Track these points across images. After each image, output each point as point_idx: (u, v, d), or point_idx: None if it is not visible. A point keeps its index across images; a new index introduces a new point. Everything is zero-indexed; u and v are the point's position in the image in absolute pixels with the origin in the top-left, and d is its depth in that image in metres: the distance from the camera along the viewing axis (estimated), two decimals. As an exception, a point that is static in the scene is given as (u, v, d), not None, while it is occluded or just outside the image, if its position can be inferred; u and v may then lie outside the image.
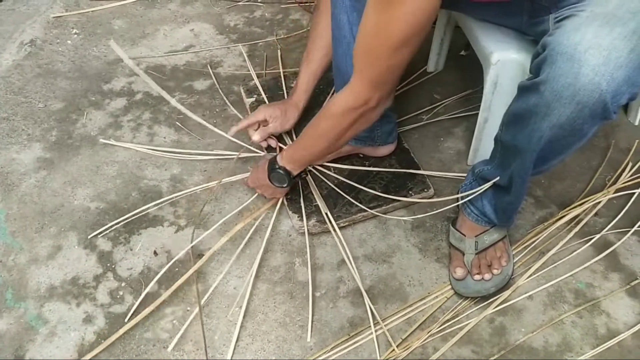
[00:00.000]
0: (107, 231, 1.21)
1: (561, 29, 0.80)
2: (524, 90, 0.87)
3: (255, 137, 1.26)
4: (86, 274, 1.14)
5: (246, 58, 1.61)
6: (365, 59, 0.92)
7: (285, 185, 1.15)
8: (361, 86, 0.95)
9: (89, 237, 1.19)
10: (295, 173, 1.13)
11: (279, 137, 1.34)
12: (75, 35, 1.71)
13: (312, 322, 1.06)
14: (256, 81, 1.51)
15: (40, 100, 1.51)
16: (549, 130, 0.84)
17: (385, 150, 1.31)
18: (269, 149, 1.33)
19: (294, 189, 1.25)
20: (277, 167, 1.12)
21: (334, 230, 1.17)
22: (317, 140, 1.07)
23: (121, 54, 1.47)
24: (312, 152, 1.10)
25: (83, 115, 1.47)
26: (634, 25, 0.77)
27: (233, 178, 1.29)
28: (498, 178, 1.02)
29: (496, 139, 1.02)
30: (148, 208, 1.24)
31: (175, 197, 1.26)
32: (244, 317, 1.07)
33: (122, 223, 1.22)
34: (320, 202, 1.22)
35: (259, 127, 1.28)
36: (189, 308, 1.09)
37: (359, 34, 0.91)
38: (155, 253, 1.17)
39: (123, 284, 1.12)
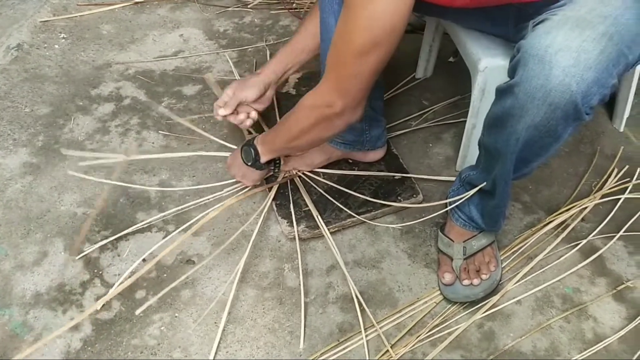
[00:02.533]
0: (94, 236, 1.20)
1: (534, 32, 0.82)
2: (500, 93, 0.89)
3: (220, 110, 1.20)
4: (72, 280, 1.13)
5: (232, 65, 1.61)
6: (333, 61, 0.93)
7: (249, 163, 1.17)
8: (326, 87, 0.96)
9: (77, 258, 1.16)
10: (263, 157, 1.16)
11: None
12: (63, 40, 1.70)
13: (304, 328, 1.06)
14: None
15: (27, 104, 1.49)
16: (525, 131, 0.86)
17: (374, 155, 1.31)
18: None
19: (284, 194, 1.25)
20: (250, 143, 1.16)
21: (327, 234, 1.17)
22: (285, 129, 1.10)
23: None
24: (280, 141, 1.12)
25: (70, 120, 1.46)
26: (603, 29, 0.79)
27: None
28: (485, 184, 1.02)
29: (479, 143, 1.03)
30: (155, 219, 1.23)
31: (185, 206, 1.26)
32: (233, 323, 1.07)
33: (110, 230, 1.21)
34: (311, 207, 1.21)
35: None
36: (177, 314, 1.08)
37: (334, 35, 0.91)
38: (143, 259, 1.16)
39: (110, 291, 1.11)
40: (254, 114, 1.24)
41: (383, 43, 0.86)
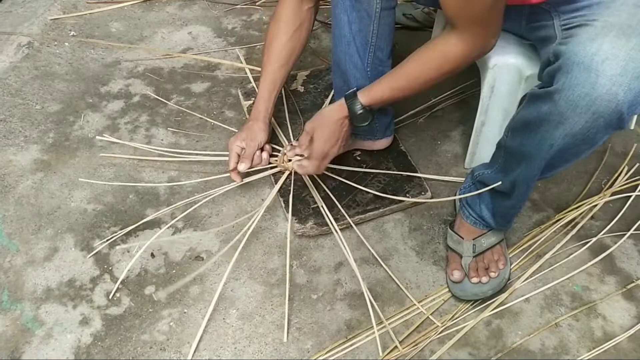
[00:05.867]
0: (104, 232, 1.21)
1: (576, 39, 0.81)
2: (535, 98, 0.87)
3: (241, 167, 1.19)
4: (83, 275, 1.14)
5: (243, 61, 1.61)
6: (471, 19, 0.90)
7: (366, 123, 1.11)
8: (477, 36, 0.93)
9: (95, 248, 1.18)
10: (375, 109, 1.11)
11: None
12: (73, 38, 1.71)
13: (288, 318, 1.06)
14: (253, 84, 1.52)
15: (38, 102, 1.51)
16: (562, 139, 0.85)
17: (383, 142, 1.33)
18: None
19: (291, 191, 1.25)
20: (359, 108, 1.08)
21: (336, 231, 1.17)
22: (422, 82, 1.03)
23: None
24: (407, 94, 1.07)
25: (80, 117, 1.47)
26: None
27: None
28: (500, 183, 1.02)
29: (500, 144, 1.02)
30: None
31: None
32: (241, 319, 1.07)
33: (120, 226, 1.22)
34: (320, 203, 1.22)
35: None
36: (186, 310, 1.09)
37: (451, 3, 0.89)
38: (152, 255, 1.17)
39: (120, 286, 1.12)
40: (267, 147, 1.24)
41: None
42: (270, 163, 1.26)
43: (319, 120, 1.13)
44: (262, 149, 1.23)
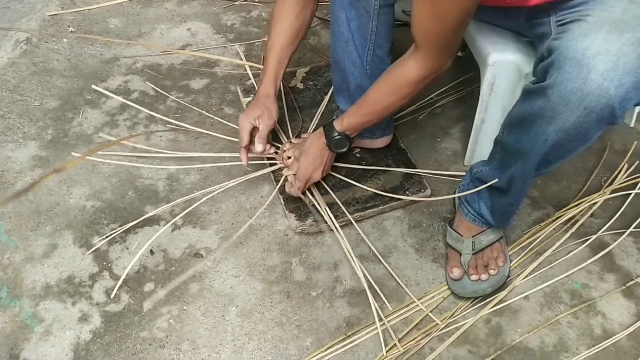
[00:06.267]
0: (103, 229, 1.21)
1: (568, 34, 0.80)
2: (529, 93, 0.87)
3: (259, 147, 1.18)
4: (82, 272, 1.14)
5: (242, 57, 1.61)
6: (430, 41, 0.93)
7: (345, 149, 1.17)
8: (431, 57, 0.96)
9: (95, 245, 1.18)
10: (352, 136, 1.16)
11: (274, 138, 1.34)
12: (71, 34, 1.71)
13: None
14: (252, 80, 1.52)
15: (36, 98, 1.50)
16: (555, 134, 0.84)
17: (383, 141, 1.33)
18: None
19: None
20: (336, 135, 1.14)
21: (335, 228, 1.17)
22: (385, 107, 1.07)
23: None
24: (376, 118, 1.12)
25: (79, 113, 1.46)
26: None
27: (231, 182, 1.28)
28: (497, 180, 1.02)
29: (497, 141, 1.02)
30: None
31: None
32: (240, 316, 1.07)
33: (119, 223, 1.22)
34: (320, 201, 1.21)
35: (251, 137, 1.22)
36: (185, 307, 1.08)
37: (418, 20, 0.91)
38: (151, 252, 1.17)
39: (119, 283, 1.11)
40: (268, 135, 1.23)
41: (473, 7, 0.86)
42: (269, 159, 1.25)
43: (304, 147, 1.19)
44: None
